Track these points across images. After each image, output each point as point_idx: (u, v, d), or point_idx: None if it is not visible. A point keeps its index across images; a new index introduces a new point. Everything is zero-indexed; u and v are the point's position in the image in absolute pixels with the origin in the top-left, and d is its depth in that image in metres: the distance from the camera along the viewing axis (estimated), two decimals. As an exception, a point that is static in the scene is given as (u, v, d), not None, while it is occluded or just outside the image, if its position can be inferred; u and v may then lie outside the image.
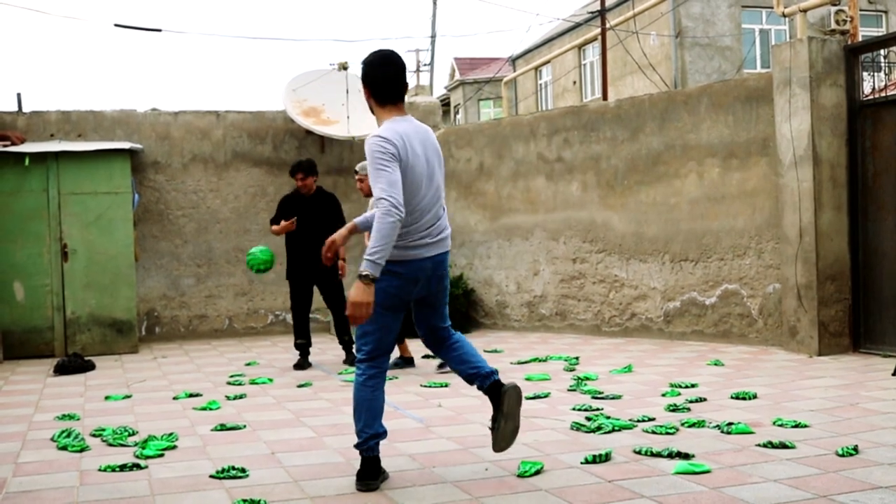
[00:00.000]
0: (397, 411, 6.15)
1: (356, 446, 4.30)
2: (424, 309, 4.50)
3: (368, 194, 7.00)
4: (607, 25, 20.47)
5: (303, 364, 8.31)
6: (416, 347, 8.02)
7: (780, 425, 5.30)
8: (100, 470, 4.71)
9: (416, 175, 4.14)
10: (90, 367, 8.63)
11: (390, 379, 7.52)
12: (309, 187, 8.31)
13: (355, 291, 4.00)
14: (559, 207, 10.51)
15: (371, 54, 4.30)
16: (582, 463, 4.58)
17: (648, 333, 9.66)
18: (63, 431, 5.60)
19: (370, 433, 4.24)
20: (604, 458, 4.60)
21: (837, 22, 8.38)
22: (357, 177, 7.71)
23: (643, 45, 21.55)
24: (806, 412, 5.66)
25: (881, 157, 7.97)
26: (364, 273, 3.96)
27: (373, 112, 4.36)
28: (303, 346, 8.38)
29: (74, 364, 8.52)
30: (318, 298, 8.80)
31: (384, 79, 4.24)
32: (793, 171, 8.15)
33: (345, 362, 8.47)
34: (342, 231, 4.51)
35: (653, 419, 5.58)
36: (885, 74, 8.37)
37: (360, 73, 4.28)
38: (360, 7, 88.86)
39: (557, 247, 10.49)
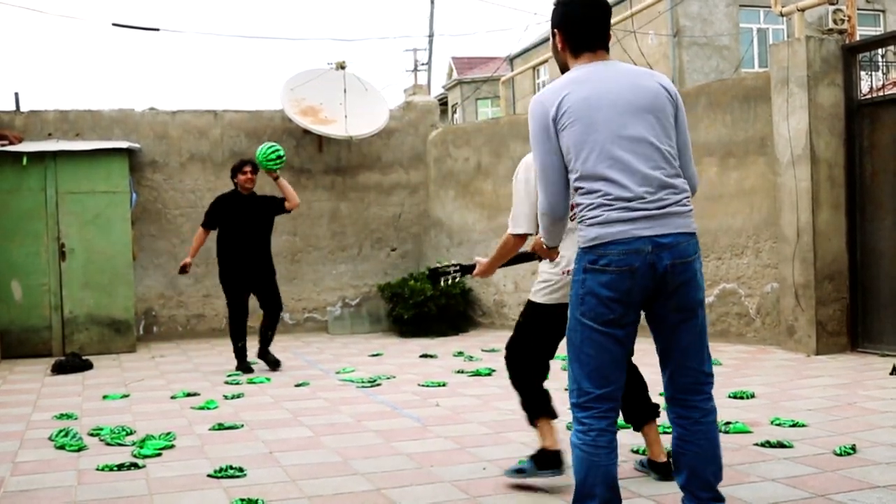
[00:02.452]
0: (395, 411, 6.15)
1: None
2: (663, 333, 3.26)
3: None
4: (605, 24, 20.45)
5: (247, 366, 8.13)
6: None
7: (778, 424, 5.30)
8: (97, 469, 4.70)
9: (595, 124, 3.08)
10: (88, 366, 8.62)
11: (388, 378, 7.53)
12: (252, 185, 8.13)
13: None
14: (557, 207, 10.48)
15: None
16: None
17: (646, 332, 9.64)
18: (61, 431, 5.59)
19: None
20: None
21: (835, 21, 8.38)
22: None
23: (641, 45, 21.51)
24: (804, 411, 5.66)
25: (879, 157, 7.97)
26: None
27: (564, 69, 3.34)
28: (242, 350, 8.20)
29: (72, 363, 8.51)
30: (315, 297, 8.79)
31: (583, 19, 3.22)
32: (791, 171, 8.16)
33: (259, 356, 8.21)
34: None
35: (651, 418, 5.57)
36: (883, 74, 8.38)
37: (552, 17, 3.32)
38: (358, 6, 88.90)
39: (555, 246, 10.48)
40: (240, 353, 8.22)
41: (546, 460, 4.27)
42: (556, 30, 3.28)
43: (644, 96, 3.14)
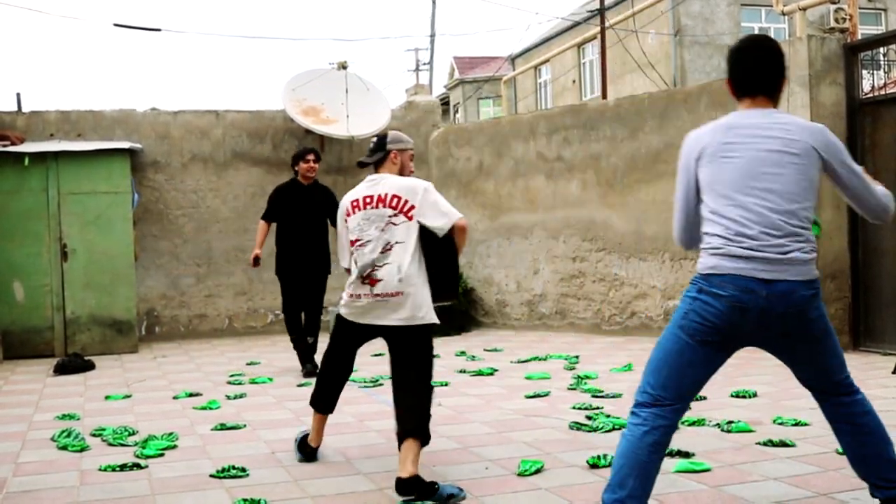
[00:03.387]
0: (397, 410, 6.14)
1: None
2: (790, 360, 3.41)
3: None
4: (606, 24, 20.47)
5: (312, 367, 7.71)
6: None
7: (781, 423, 5.30)
8: (100, 470, 4.71)
9: (727, 168, 3.24)
10: (90, 366, 8.63)
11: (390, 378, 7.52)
12: (314, 173, 7.95)
13: None
14: (559, 206, 10.51)
15: (739, 40, 3.49)
16: (588, 463, 4.55)
17: (648, 332, 9.66)
18: (63, 431, 5.60)
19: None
20: (607, 464, 4.51)
21: (836, 20, 8.38)
22: None
23: (642, 44, 21.54)
24: (806, 410, 5.65)
25: (881, 156, 7.96)
26: None
27: None
28: (297, 343, 8.00)
29: (74, 364, 8.52)
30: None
31: (744, 64, 3.35)
32: (792, 170, 8.14)
33: (303, 373, 7.78)
34: None
35: (653, 418, 5.57)
36: (885, 72, 8.37)
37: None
38: (360, 6, 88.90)
39: (557, 245, 10.49)
40: (295, 345, 8.02)
41: (304, 445, 4.89)
42: (727, 75, 3.44)
43: (787, 152, 3.24)
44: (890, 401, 5.88)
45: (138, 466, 4.73)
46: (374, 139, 4.85)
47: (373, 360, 8.83)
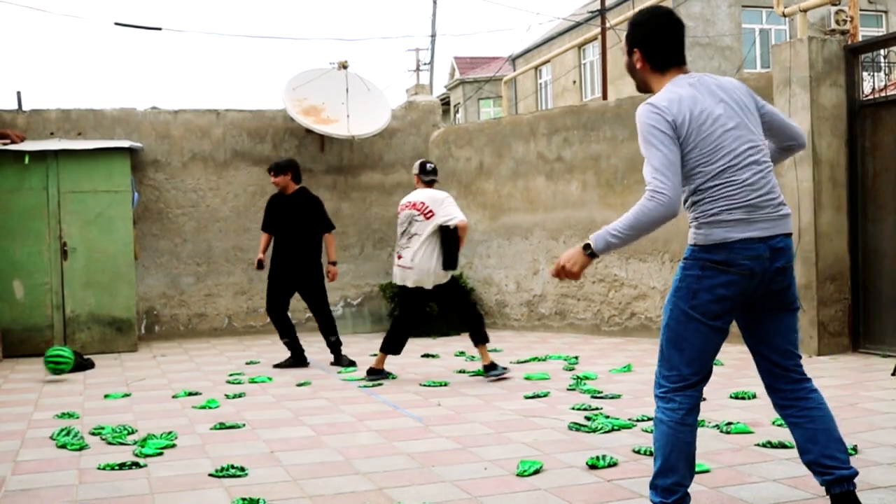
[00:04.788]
0: (396, 410, 6.15)
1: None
2: (759, 324, 3.40)
3: None
4: (607, 25, 20.48)
5: (301, 360, 8.39)
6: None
7: (780, 425, 5.30)
8: (99, 468, 4.71)
9: (713, 134, 3.22)
10: (89, 365, 8.62)
11: (391, 377, 7.54)
12: (283, 186, 8.33)
13: (570, 253, 3.31)
14: (559, 207, 10.51)
15: (641, 13, 3.43)
16: (587, 464, 4.55)
17: (648, 333, 9.66)
18: (62, 430, 5.60)
19: (685, 489, 3.38)
20: (606, 465, 4.52)
21: (837, 22, 8.37)
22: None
23: (643, 45, 21.52)
24: (805, 412, 5.65)
25: (881, 158, 7.96)
26: (587, 243, 3.25)
27: (644, 84, 3.44)
28: (292, 343, 8.41)
29: (74, 363, 8.51)
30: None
31: (663, 39, 3.35)
32: (792, 171, 8.15)
33: (333, 364, 8.42)
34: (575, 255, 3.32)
35: (652, 419, 5.57)
36: (885, 74, 8.37)
37: (629, 35, 3.43)
38: (360, 6, 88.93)
39: (557, 246, 10.49)
40: (288, 347, 8.45)
41: (372, 371, 7.48)
42: (633, 47, 3.41)
43: (750, 106, 3.49)
44: (890, 402, 5.88)
45: (137, 465, 4.74)
46: (431, 166, 7.50)
47: (373, 359, 8.82)
